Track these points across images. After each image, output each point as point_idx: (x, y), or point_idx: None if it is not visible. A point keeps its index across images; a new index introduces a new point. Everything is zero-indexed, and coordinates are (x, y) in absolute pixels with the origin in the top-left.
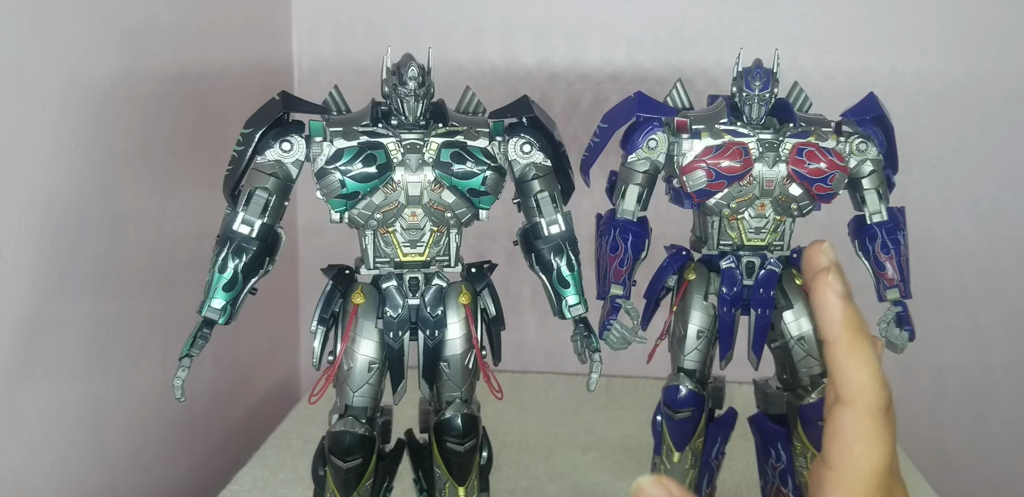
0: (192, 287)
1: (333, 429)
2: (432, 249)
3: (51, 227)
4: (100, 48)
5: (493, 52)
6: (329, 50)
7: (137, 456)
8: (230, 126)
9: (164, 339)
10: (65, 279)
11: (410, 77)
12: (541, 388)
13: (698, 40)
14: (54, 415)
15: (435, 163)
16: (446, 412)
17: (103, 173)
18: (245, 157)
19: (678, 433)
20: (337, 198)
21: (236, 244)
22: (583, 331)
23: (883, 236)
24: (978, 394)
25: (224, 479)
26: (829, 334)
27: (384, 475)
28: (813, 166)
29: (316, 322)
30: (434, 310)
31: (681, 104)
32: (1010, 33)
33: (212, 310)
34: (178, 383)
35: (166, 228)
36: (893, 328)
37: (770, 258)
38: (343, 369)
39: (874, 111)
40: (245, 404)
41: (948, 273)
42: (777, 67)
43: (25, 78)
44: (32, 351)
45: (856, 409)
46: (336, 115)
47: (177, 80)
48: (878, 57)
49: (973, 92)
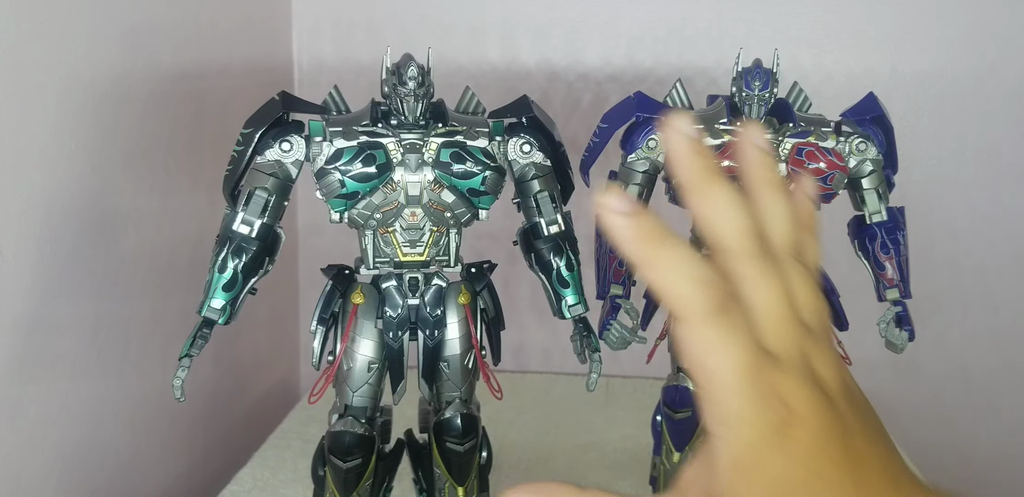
0: (192, 287)
1: (333, 429)
2: (432, 249)
3: (51, 227)
4: (100, 48)
5: (493, 52)
6: (329, 50)
7: (137, 456)
8: (230, 126)
9: (164, 339)
10: (65, 279)
11: (410, 77)
12: (541, 388)
13: (698, 40)
14: (54, 415)
15: (435, 163)
16: (446, 412)
17: (103, 173)
18: (245, 157)
19: (678, 433)
20: (337, 198)
21: (236, 244)
22: (583, 331)
23: (883, 236)
24: (978, 394)
25: (224, 479)
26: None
27: (384, 475)
28: (813, 166)
29: (316, 322)
30: (434, 310)
31: (681, 104)
32: (1010, 33)
33: (212, 310)
34: (178, 383)
35: (166, 228)
36: (893, 328)
37: None
38: (343, 369)
39: (874, 111)
40: (245, 404)
41: (948, 273)
42: (777, 67)
43: (25, 78)
44: (32, 351)
45: (681, 321)
46: (336, 115)
47: (177, 80)
48: (878, 57)
49: (973, 92)
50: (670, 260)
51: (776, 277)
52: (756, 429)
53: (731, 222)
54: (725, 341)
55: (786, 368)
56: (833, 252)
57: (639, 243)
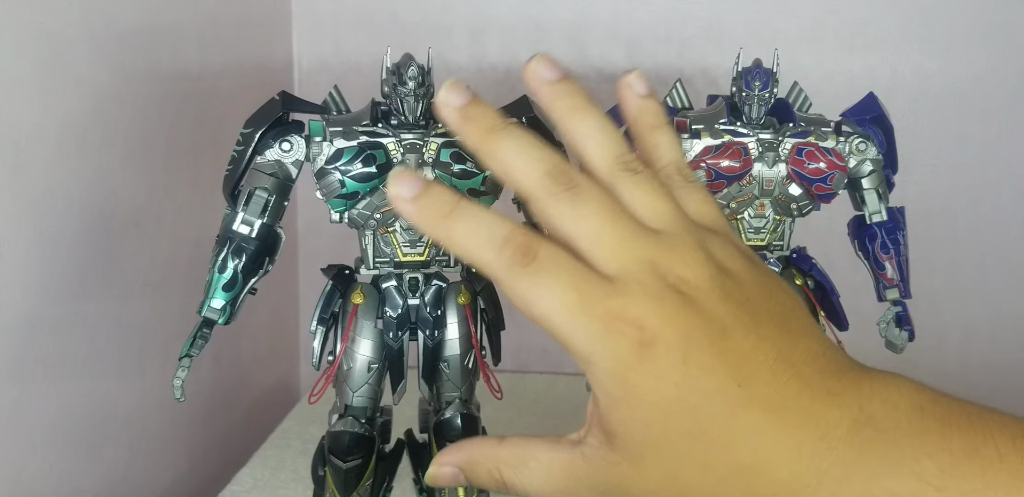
0: (192, 287)
1: (333, 429)
2: (432, 249)
3: (51, 227)
4: (100, 48)
5: (493, 52)
6: (329, 50)
7: (137, 456)
8: (230, 126)
9: (164, 339)
10: (65, 279)
11: (410, 77)
12: (541, 388)
13: (698, 40)
14: (54, 415)
15: (435, 163)
16: (446, 412)
17: (103, 173)
18: (245, 157)
19: None
20: (337, 198)
21: (236, 244)
22: None
23: (883, 236)
24: (978, 394)
25: (224, 479)
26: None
27: (384, 475)
28: (813, 166)
29: (316, 322)
30: (434, 310)
31: (681, 104)
32: (1010, 33)
33: (212, 310)
34: (178, 383)
35: (166, 228)
36: (893, 328)
37: (769, 258)
38: (343, 369)
39: (874, 111)
40: (245, 404)
41: (948, 273)
42: (777, 67)
43: (25, 78)
44: (32, 351)
45: (496, 282)
46: (336, 115)
47: (177, 80)
48: (878, 57)
49: (973, 92)
50: (463, 227)
51: (596, 203)
52: (611, 358)
53: (524, 172)
54: (538, 288)
55: (631, 289)
56: (833, 252)
57: (436, 221)
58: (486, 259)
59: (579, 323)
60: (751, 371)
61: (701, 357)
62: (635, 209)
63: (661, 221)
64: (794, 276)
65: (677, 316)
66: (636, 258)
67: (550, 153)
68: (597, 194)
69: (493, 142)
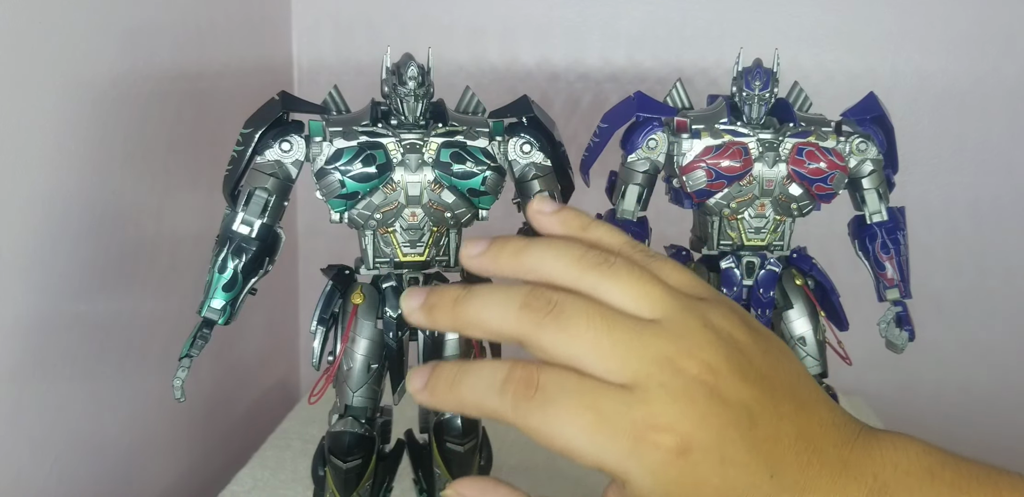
0: (192, 287)
1: (333, 429)
2: (432, 249)
3: (51, 227)
4: (100, 48)
5: (493, 52)
6: (329, 50)
7: (137, 456)
8: (230, 126)
9: (164, 339)
10: (65, 279)
11: (410, 77)
12: None
13: (698, 40)
14: (54, 415)
15: (435, 163)
16: (446, 412)
17: (103, 173)
18: (245, 157)
19: None
20: (337, 198)
21: (236, 244)
22: None
23: (883, 236)
24: (979, 394)
25: (224, 479)
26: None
27: (384, 475)
28: (813, 166)
29: (316, 322)
30: None
31: (681, 104)
32: (1010, 33)
33: (212, 310)
34: (178, 383)
35: (166, 228)
36: (893, 328)
37: (770, 258)
38: (343, 369)
39: (874, 111)
40: (245, 404)
41: (948, 273)
42: (777, 67)
43: (25, 78)
44: (32, 351)
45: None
46: (336, 115)
47: (177, 80)
48: (878, 57)
49: (973, 92)
50: (466, 385)
51: (583, 315)
52: (649, 475)
53: (502, 319)
54: (550, 419)
55: (652, 394)
56: (833, 252)
57: (446, 391)
58: (493, 407)
59: (604, 443)
60: (779, 458)
61: (736, 454)
62: (625, 304)
63: (657, 307)
64: (794, 276)
65: (710, 414)
66: (648, 358)
67: (515, 288)
68: (581, 304)
69: (460, 311)
